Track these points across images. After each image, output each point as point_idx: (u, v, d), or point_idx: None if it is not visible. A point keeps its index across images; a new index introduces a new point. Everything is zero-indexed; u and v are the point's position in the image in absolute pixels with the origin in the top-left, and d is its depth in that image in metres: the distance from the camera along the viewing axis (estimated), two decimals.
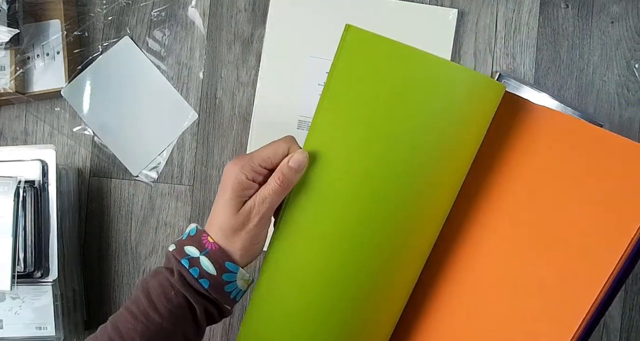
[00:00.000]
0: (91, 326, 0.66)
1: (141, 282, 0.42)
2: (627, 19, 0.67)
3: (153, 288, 0.41)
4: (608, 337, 0.67)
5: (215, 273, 0.41)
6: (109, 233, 0.66)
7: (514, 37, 0.67)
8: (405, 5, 0.66)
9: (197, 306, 0.41)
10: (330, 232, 0.41)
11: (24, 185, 0.56)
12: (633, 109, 0.67)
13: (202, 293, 0.41)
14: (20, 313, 0.58)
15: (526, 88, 0.65)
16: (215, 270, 0.41)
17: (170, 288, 0.41)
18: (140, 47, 0.66)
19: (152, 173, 0.66)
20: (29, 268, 0.56)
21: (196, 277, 0.40)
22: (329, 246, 0.41)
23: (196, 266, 0.41)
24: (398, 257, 0.41)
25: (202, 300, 0.41)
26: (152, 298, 0.41)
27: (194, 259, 0.41)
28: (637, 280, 0.67)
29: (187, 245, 0.42)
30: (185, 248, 0.42)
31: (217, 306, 0.42)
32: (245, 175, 0.41)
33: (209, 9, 0.67)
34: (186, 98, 0.67)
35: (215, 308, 0.42)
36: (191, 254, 0.41)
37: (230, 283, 0.42)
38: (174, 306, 0.41)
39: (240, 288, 0.43)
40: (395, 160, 0.39)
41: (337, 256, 0.41)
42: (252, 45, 0.67)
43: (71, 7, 0.65)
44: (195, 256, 0.41)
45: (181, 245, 0.42)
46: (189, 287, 0.41)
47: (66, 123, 0.66)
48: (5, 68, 0.62)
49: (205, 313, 0.42)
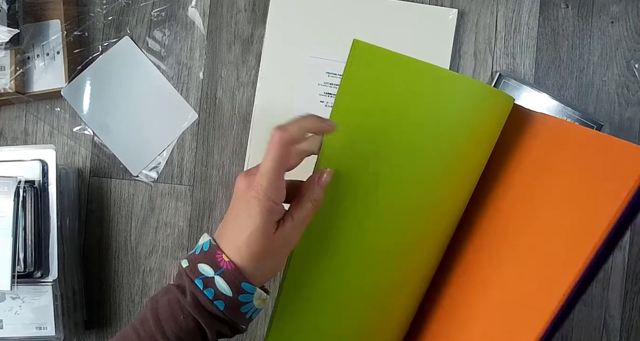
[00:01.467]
0: (91, 326, 0.66)
1: (150, 300, 0.40)
2: (627, 19, 0.67)
3: (162, 308, 0.39)
4: (608, 337, 0.67)
5: (231, 295, 0.39)
6: (109, 233, 0.66)
7: (514, 37, 0.67)
8: (405, 5, 0.66)
9: (209, 330, 0.39)
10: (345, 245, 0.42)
11: (24, 185, 0.56)
12: (633, 109, 0.67)
13: (216, 316, 0.39)
14: (20, 313, 0.58)
15: (526, 88, 0.65)
16: (231, 292, 0.39)
17: (180, 311, 0.39)
18: (140, 47, 0.66)
19: (152, 173, 0.66)
20: (29, 268, 0.56)
21: (211, 299, 0.39)
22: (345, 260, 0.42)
23: (211, 287, 0.39)
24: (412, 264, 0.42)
25: (215, 323, 0.39)
26: (160, 321, 0.39)
27: (208, 279, 0.39)
28: (637, 280, 0.67)
29: (201, 262, 0.39)
30: (198, 265, 0.39)
31: (231, 326, 0.41)
32: (274, 202, 0.39)
33: (209, 9, 0.67)
34: (186, 98, 0.67)
35: (229, 328, 0.41)
36: (205, 273, 0.39)
37: (246, 303, 0.40)
38: (183, 331, 0.39)
39: (257, 307, 0.41)
40: (406, 171, 0.40)
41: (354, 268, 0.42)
42: (252, 45, 0.67)
43: (71, 7, 0.65)
44: (210, 276, 0.39)
45: (194, 262, 0.40)
46: (202, 310, 0.39)
47: (66, 123, 0.66)
48: (5, 68, 0.62)
49: (217, 334, 0.40)
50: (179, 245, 0.66)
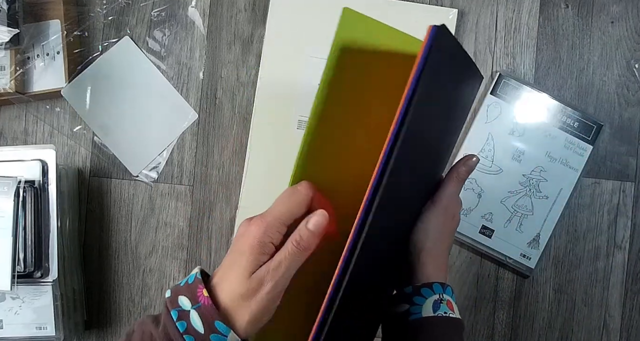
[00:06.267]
0: (91, 326, 0.66)
1: (126, 333, 0.39)
2: (627, 19, 0.67)
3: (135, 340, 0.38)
4: (608, 337, 0.67)
5: (202, 332, 0.36)
6: (109, 233, 0.66)
7: (514, 37, 0.67)
8: (405, 5, 0.66)
9: None
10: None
11: (24, 185, 0.56)
12: (633, 109, 0.67)
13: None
14: (20, 313, 0.58)
15: (526, 88, 0.65)
16: (203, 329, 0.36)
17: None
18: (140, 47, 0.66)
19: (152, 173, 0.66)
20: (29, 268, 0.56)
21: (181, 332, 0.36)
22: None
23: (184, 320, 0.37)
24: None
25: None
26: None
27: (184, 312, 0.37)
28: (637, 280, 0.67)
29: (182, 295, 0.38)
30: (179, 298, 0.38)
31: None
32: (270, 238, 0.37)
33: (209, 9, 0.67)
34: (186, 98, 0.67)
35: None
36: (183, 306, 0.37)
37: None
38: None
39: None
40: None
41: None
42: (252, 45, 0.67)
43: (71, 7, 0.65)
44: (187, 309, 0.37)
45: (176, 293, 0.38)
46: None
47: (66, 123, 0.66)
48: (5, 68, 0.62)
49: None
50: (179, 245, 0.66)
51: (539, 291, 0.67)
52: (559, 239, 0.67)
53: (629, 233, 0.67)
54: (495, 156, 0.66)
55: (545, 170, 0.65)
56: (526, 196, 0.66)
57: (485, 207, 0.66)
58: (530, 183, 0.66)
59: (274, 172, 0.65)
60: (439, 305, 0.44)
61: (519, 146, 0.65)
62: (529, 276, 0.67)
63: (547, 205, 0.65)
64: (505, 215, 0.66)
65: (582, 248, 0.67)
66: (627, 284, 0.67)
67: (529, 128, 0.65)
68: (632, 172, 0.67)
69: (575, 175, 0.65)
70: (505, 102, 0.65)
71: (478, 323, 0.67)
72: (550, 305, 0.67)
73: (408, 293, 0.44)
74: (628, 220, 0.67)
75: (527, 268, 0.65)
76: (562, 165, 0.65)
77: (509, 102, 0.65)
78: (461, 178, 0.47)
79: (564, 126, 0.65)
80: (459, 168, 0.47)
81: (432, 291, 0.44)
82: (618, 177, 0.67)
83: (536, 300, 0.67)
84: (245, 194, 0.65)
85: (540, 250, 0.65)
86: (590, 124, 0.65)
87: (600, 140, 0.66)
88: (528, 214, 0.66)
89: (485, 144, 0.65)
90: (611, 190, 0.67)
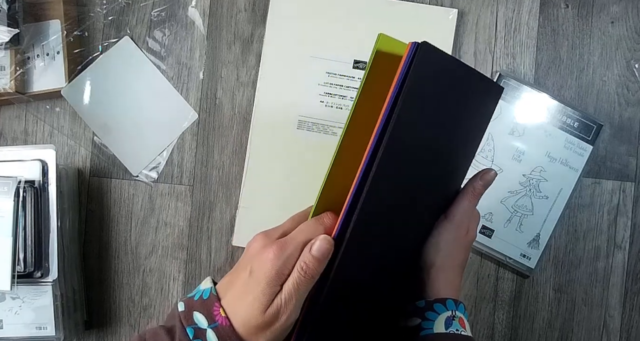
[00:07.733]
0: (91, 326, 0.66)
1: (141, 333, 0.39)
2: (627, 19, 0.67)
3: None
4: (608, 337, 0.67)
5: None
6: (109, 233, 0.66)
7: (514, 37, 0.67)
8: (405, 5, 0.66)
9: None
10: None
11: (24, 185, 0.56)
12: (633, 109, 0.67)
13: None
14: (20, 313, 0.58)
15: (526, 88, 0.65)
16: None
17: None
18: (140, 47, 0.66)
19: (152, 173, 0.66)
20: (29, 268, 0.56)
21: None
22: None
23: (201, 339, 0.37)
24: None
25: None
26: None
27: (200, 331, 0.37)
28: (637, 280, 0.67)
29: (197, 311, 0.38)
30: (194, 313, 0.38)
31: None
32: (288, 270, 0.37)
33: (209, 9, 0.67)
34: (186, 98, 0.67)
35: None
36: (199, 324, 0.37)
37: None
38: None
39: None
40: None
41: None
42: (252, 45, 0.67)
43: (71, 7, 0.65)
44: (203, 328, 0.37)
45: (190, 308, 0.38)
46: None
47: (66, 123, 0.66)
48: (5, 68, 0.62)
49: None
50: (179, 245, 0.66)
51: (539, 291, 0.67)
52: (559, 239, 0.67)
53: (629, 233, 0.67)
54: (495, 156, 0.66)
55: (545, 170, 0.65)
56: (526, 196, 0.66)
57: (485, 207, 0.66)
58: (530, 183, 0.66)
59: (274, 172, 0.65)
60: (452, 321, 0.43)
61: (519, 146, 0.65)
62: (529, 276, 0.67)
63: (547, 205, 0.65)
64: (505, 215, 0.66)
65: (582, 248, 0.67)
66: (627, 284, 0.67)
67: (529, 128, 0.65)
68: (632, 172, 0.67)
69: (575, 175, 0.65)
70: (505, 102, 0.65)
71: (478, 323, 0.67)
72: (550, 305, 0.67)
73: (420, 308, 0.44)
74: (628, 220, 0.67)
75: (527, 268, 0.66)
76: (562, 165, 0.66)
77: (509, 102, 0.65)
78: (477, 193, 0.46)
79: (564, 126, 0.65)
80: (474, 183, 0.46)
81: (445, 307, 0.44)
82: (618, 177, 0.67)
83: (536, 300, 0.67)
84: (245, 194, 0.65)
85: (540, 250, 0.66)
86: (590, 124, 0.65)
87: (600, 140, 0.66)
88: (528, 214, 0.66)
89: (485, 144, 0.65)
90: (611, 190, 0.67)
